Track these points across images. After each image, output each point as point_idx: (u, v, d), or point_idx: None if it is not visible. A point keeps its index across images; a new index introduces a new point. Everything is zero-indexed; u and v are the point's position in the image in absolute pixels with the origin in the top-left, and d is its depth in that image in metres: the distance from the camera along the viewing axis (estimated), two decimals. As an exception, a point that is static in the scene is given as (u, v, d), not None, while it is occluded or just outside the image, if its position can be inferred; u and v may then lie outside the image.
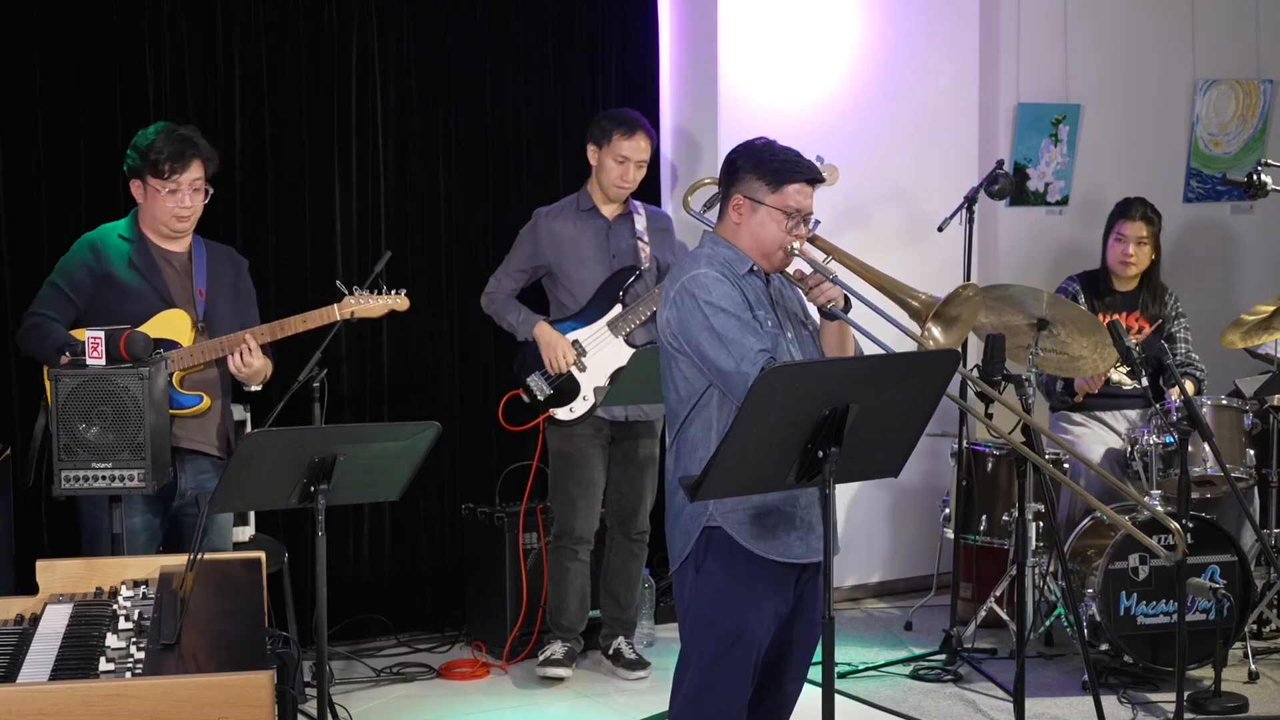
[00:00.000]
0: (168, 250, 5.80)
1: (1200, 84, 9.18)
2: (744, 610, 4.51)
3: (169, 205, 5.69)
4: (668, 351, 4.56)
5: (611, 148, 6.85)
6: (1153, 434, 6.93)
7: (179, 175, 5.67)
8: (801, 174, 4.56)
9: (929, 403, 4.24)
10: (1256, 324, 7.21)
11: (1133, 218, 7.49)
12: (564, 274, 6.94)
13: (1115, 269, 7.50)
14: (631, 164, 6.87)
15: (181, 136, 5.71)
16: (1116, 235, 7.50)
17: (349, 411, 7.34)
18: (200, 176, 5.73)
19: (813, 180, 4.59)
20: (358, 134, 7.37)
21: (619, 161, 6.85)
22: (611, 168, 6.86)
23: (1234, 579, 6.67)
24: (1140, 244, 7.46)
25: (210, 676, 3.37)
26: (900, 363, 4.31)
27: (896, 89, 8.21)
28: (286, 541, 6.75)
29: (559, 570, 7.04)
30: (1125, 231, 7.48)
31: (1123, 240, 7.48)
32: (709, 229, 4.75)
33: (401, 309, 6.06)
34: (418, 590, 7.62)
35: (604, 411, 6.88)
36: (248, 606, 4.11)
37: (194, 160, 5.70)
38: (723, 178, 4.67)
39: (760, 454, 4.07)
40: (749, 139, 4.68)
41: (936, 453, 7.88)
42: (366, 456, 4.95)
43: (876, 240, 7.99)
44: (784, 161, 4.56)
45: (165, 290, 5.74)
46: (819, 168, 4.67)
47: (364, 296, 5.97)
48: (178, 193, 5.69)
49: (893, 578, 8.44)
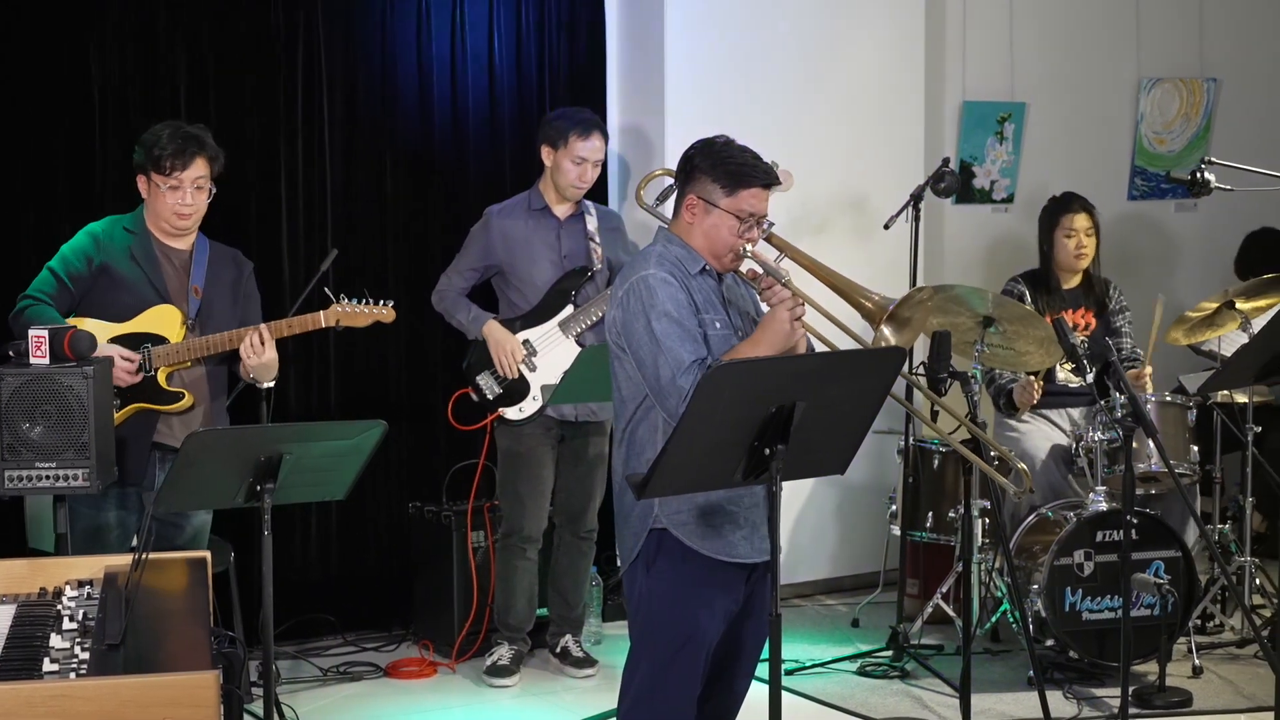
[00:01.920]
0: (170, 246, 5.83)
1: (1144, 82, 9.24)
2: (695, 610, 4.52)
3: (170, 202, 5.73)
4: (614, 352, 4.56)
5: (569, 149, 6.83)
6: (1098, 430, 6.97)
7: (180, 173, 5.71)
8: (757, 179, 4.55)
9: (875, 400, 4.26)
10: (1200, 321, 7.27)
11: (1075, 210, 7.50)
12: (515, 273, 6.93)
13: (1067, 264, 7.51)
14: (589, 164, 6.87)
15: (187, 134, 5.76)
16: (1065, 231, 7.50)
17: (296, 410, 7.32)
18: (204, 175, 5.76)
19: (768, 185, 4.59)
20: (304, 131, 7.35)
21: (576, 163, 6.85)
22: (569, 169, 6.85)
23: (1178, 574, 6.70)
24: (1088, 234, 7.49)
25: (155, 676, 3.35)
26: (847, 360, 4.33)
27: (843, 87, 8.22)
28: (233, 541, 6.72)
29: (507, 569, 7.03)
30: (1073, 225, 7.49)
31: (1073, 234, 7.49)
32: (663, 225, 4.75)
33: (387, 320, 6.09)
34: (365, 589, 7.61)
35: (553, 411, 6.87)
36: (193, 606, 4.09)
37: (197, 158, 5.73)
38: (679, 175, 4.66)
39: (707, 451, 4.07)
40: (709, 136, 4.66)
41: (883, 450, 7.91)
42: (313, 455, 4.94)
43: (822, 238, 8.00)
44: (740, 165, 4.55)
45: (162, 285, 5.77)
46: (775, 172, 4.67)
47: (351, 305, 6.00)
48: (179, 190, 5.72)
49: (840, 574, 8.46)
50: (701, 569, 4.50)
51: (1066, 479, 7.34)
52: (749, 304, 4.72)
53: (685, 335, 4.40)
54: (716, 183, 4.54)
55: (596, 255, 6.93)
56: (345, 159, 7.47)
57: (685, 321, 4.43)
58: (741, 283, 4.69)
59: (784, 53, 8.06)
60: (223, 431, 5.00)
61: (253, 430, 5.21)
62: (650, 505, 4.49)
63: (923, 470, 7.31)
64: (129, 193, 5.91)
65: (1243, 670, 6.96)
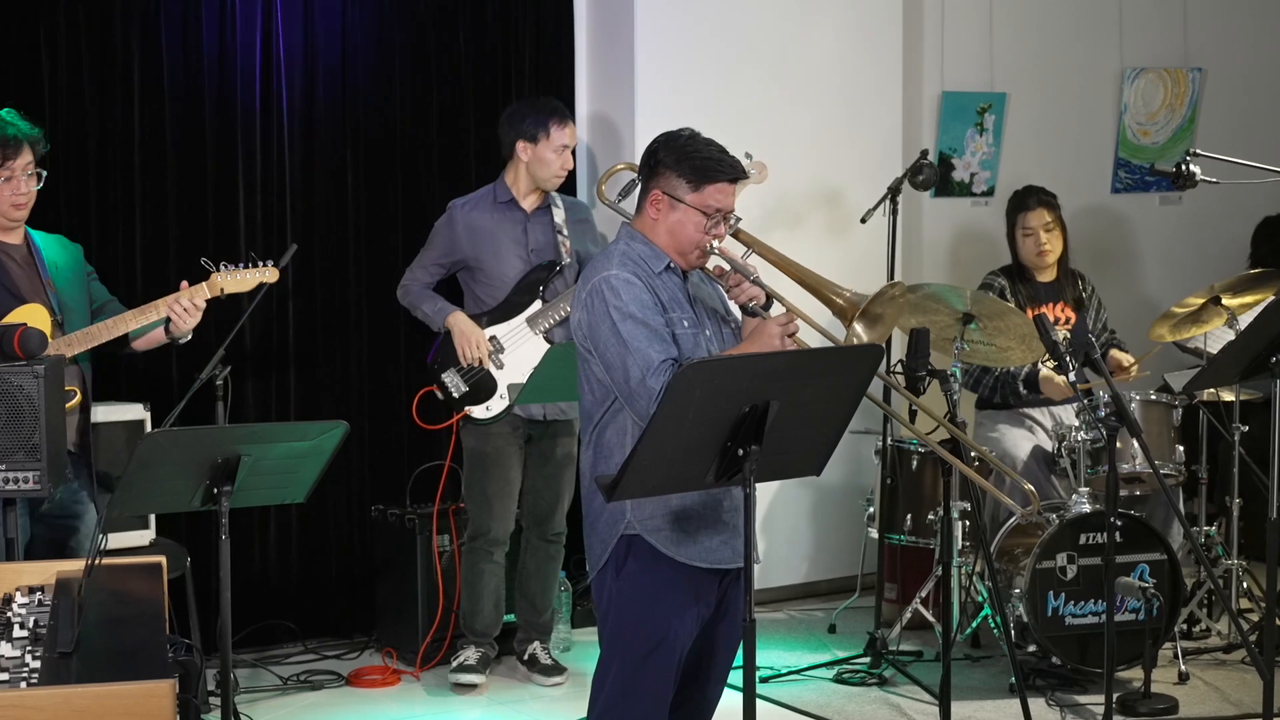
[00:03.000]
0: (5, 243, 5.73)
1: (1128, 72, 9.27)
2: (667, 615, 4.52)
3: (6, 194, 5.64)
4: (580, 354, 4.56)
5: (550, 140, 6.85)
6: (1080, 430, 6.99)
7: (12, 162, 5.62)
8: (724, 174, 4.54)
9: (851, 399, 4.27)
10: (1185, 317, 7.29)
11: (1031, 207, 7.52)
12: (481, 268, 6.93)
13: (1032, 262, 7.55)
14: (569, 152, 6.90)
15: (4, 121, 5.66)
16: (1023, 230, 7.53)
17: (254, 410, 7.31)
18: (31, 160, 5.68)
19: (735, 179, 4.59)
20: (262, 123, 7.34)
21: (558, 152, 6.86)
22: (552, 160, 6.87)
23: (1163, 578, 6.73)
24: (1048, 230, 7.50)
25: (109, 685, 3.35)
26: (822, 358, 4.33)
27: (819, 76, 8.23)
28: (189, 546, 6.72)
29: (473, 573, 7.03)
30: (1030, 224, 7.51)
31: (1031, 233, 7.51)
32: (626, 221, 4.75)
33: (271, 280, 6.03)
34: (326, 595, 7.60)
35: (521, 410, 6.87)
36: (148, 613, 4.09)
37: (23, 145, 5.65)
38: (643, 169, 4.65)
39: (678, 452, 4.08)
40: (673, 129, 4.65)
41: (860, 451, 7.91)
42: (272, 457, 4.93)
43: (797, 233, 8.02)
44: (706, 159, 4.53)
45: (14, 286, 5.66)
46: (745, 165, 4.67)
47: (232, 271, 5.94)
48: (13, 180, 5.63)
49: (816, 579, 8.47)
50: (673, 572, 4.50)
51: (1049, 480, 7.36)
52: (716, 301, 4.72)
53: (653, 335, 4.40)
54: (681, 177, 4.54)
55: (565, 248, 6.94)
56: (305, 150, 7.45)
57: (651, 321, 4.43)
58: (708, 280, 4.69)
59: (759, 41, 8.06)
60: (178, 432, 4.98)
61: (209, 431, 5.20)
62: (621, 510, 4.49)
63: (901, 471, 7.32)
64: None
65: (1229, 676, 6.98)
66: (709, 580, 4.56)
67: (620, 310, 4.42)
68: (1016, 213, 7.57)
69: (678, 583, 4.51)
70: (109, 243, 7.03)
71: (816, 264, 4.86)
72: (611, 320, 4.42)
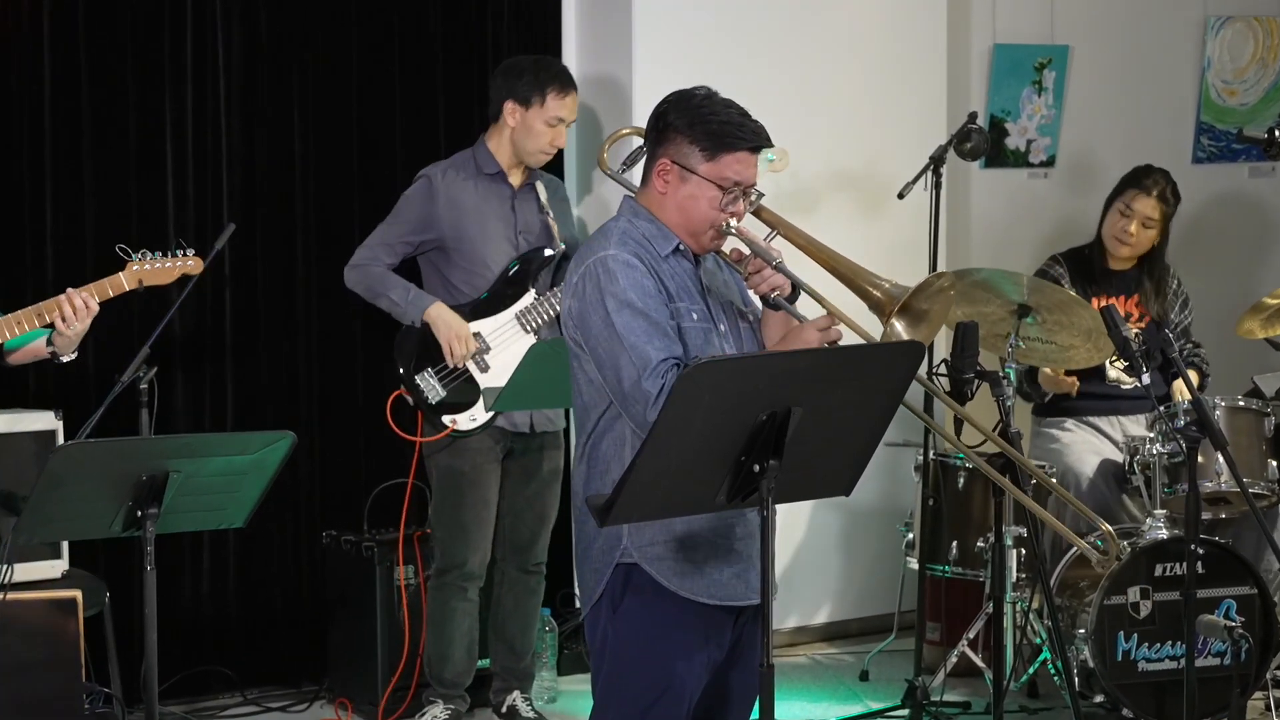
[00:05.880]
0: None
1: (1212, 21, 9.28)
2: (671, 658, 4.52)
3: None
4: (571, 349, 4.56)
5: (545, 109, 6.83)
6: (1156, 442, 6.99)
7: None
8: (744, 140, 4.54)
9: (887, 406, 4.27)
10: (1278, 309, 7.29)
11: (1148, 192, 7.51)
12: (462, 251, 6.90)
13: (1109, 244, 7.56)
14: (563, 128, 6.88)
15: None
16: (1122, 207, 7.53)
17: (184, 419, 7.31)
18: None
19: (758, 147, 4.59)
20: (194, 85, 7.33)
21: (552, 125, 6.85)
22: (542, 133, 6.85)
23: (1253, 615, 6.73)
24: (1146, 225, 7.51)
25: (15, 742, 3.36)
26: (853, 357, 4.34)
27: (847, 28, 8.23)
28: (108, 578, 6.71)
29: (442, 611, 7.01)
30: (1134, 206, 7.51)
31: (1128, 215, 7.52)
32: (630, 195, 4.74)
33: (194, 272, 6.04)
34: (269, 636, 7.60)
35: (504, 420, 6.85)
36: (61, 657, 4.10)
37: None
38: (649, 133, 4.64)
39: (684, 468, 4.08)
40: (685, 88, 4.64)
41: (897, 466, 7.92)
42: (206, 474, 4.94)
43: (823, 211, 8.01)
44: (724, 123, 4.53)
45: None
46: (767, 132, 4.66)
47: (151, 260, 5.94)
48: None
49: (845, 617, 8.49)
50: (678, 609, 4.50)
51: (1119, 500, 7.37)
52: (733, 292, 4.72)
53: (653, 329, 4.40)
54: (695, 144, 4.53)
55: (554, 232, 6.93)
56: (244, 120, 7.45)
57: (653, 312, 4.42)
58: (724, 266, 4.69)
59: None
60: (96, 445, 4.99)
61: (132, 443, 5.21)
62: (617, 535, 4.49)
63: (945, 491, 7.32)
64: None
65: (1331, 731, 7.00)
66: (721, 618, 4.57)
67: (616, 297, 4.42)
68: (1128, 187, 7.56)
69: (684, 621, 4.52)
70: (11, 228, 7.04)
71: (847, 247, 4.87)
72: (605, 309, 4.42)
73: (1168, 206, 7.53)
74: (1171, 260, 7.75)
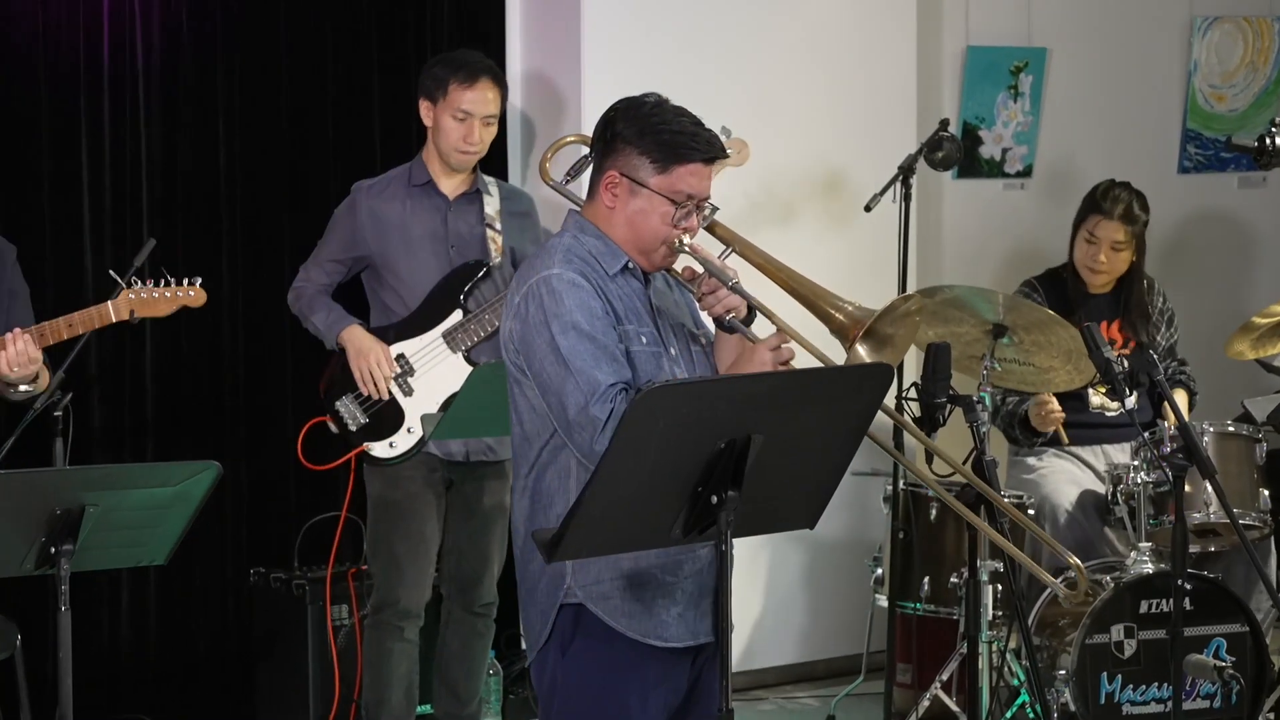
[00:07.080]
0: None
1: (1199, 22, 9.32)
2: (625, 701, 4.52)
3: None
4: (512, 374, 4.56)
5: (449, 101, 6.80)
6: (1140, 471, 7.01)
7: None
8: (697, 151, 4.54)
9: (853, 432, 4.28)
10: (1271, 329, 7.31)
11: (1109, 215, 7.49)
12: (388, 268, 6.89)
13: (1081, 272, 7.57)
14: (476, 121, 6.83)
15: None
16: (1087, 235, 7.54)
17: (101, 448, 7.30)
18: None
19: (711, 159, 4.60)
20: (111, 90, 7.33)
21: (459, 119, 6.82)
22: (451, 128, 6.83)
23: (1244, 655, 6.76)
24: (1116, 249, 7.52)
25: (-81, 797, 3.35)
26: (818, 380, 4.35)
27: (811, 29, 8.24)
28: (19, 619, 6.69)
29: (379, 653, 7.00)
30: (1098, 233, 7.52)
31: (1094, 242, 7.52)
32: (575, 209, 4.74)
33: (195, 304, 6.05)
34: (193, 681, 7.59)
35: (437, 448, 6.84)
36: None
37: None
38: (596, 144, 4.65)
39: (636, 500, 4.08)
40: (634, 95, 4.65)
41: (865, 497, 7.93)
42: (125, 507, 4.93)
43: (787, 225, 8.02)
44: (676, 133, 4.53)
45: None
46: (723, 142, 4.67)
47: (147, 290, 5.94)
48: None
49: (810, 659, 8.49)
50: (632, 650, 4.50)
51: (1101, 533, 7.39)
52: (685, 313, 4.72)
53: (600, 353, 4.40)
54: (645, 155, 4.53)
55: (495, 246, 6.91)
56: (164, 127, 7.44)
57: (600, 335, 4.42)
58: (675, 285, 4.70)
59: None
60: (5, 476, 4.97)
61: (44, 475, 5.18)
62: (561, 574, 4.49)
63: (916, 523, 7.34)
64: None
65: (1328, 778, 7.03)
66: (677, 659, 4.57)
67: (561, 320, 4.42)
68: (1089, 213, 7.56)
69: (637, 663, 4.52)
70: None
71: (811, 263, 4.89)
72: (550, 332, 4.42)
73: (1134, 225, 7.52)
74: (1155, 275, 7.77)
